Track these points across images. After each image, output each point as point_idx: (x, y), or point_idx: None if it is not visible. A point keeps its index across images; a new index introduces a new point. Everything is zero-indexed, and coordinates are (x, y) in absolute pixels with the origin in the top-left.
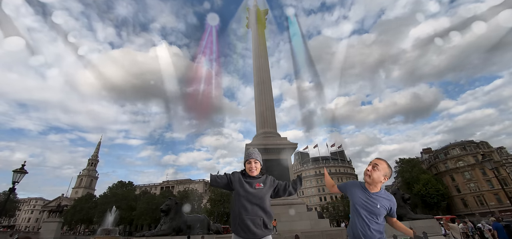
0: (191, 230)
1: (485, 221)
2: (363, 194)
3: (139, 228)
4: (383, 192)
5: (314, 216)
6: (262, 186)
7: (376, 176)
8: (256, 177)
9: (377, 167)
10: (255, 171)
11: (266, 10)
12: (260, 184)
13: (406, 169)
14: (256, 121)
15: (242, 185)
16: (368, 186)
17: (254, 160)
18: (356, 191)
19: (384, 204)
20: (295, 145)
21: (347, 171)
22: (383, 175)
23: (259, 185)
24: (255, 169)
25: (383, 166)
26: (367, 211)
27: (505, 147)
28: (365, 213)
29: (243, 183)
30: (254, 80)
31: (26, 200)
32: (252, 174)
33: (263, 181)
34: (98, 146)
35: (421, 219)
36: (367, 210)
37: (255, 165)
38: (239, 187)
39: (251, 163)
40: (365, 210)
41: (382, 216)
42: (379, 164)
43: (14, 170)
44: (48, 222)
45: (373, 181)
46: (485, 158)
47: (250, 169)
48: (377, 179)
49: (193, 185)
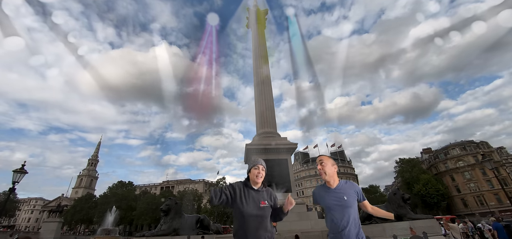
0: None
1: (485, 221)
2: (329, 193)
3: (139, 228)
4: (343, 182)
5: (314, 216)
6: (267, 205)
7: (329, 169)
8: (260, 189)
9: (324, 162)
10: (261, 179)
11: (266, 10)
12: (265, 202)
13: (406, 169)
14: (256, 121)
15: (247, 203)
16: (329, 184)
17: (262, 166)
18: (324, 194)
19: (350, 192)
20: (295, 145)
21: (347, 171)
22: (332, 165)
23: (264, 203)
24: (261, 177)
25: (326, 158)
26: (339, 206)
27: (505, 147)
28: (338, 209)
29: (248, 199)
30: (254, 80)
31: (26, 200)
32: (258, 180)
33: (267, 197)
34: (98, 146)
35: (421, 219)
36: (338, 205)
37: (262, 172)
38: (244, 204)
39: (259, 169)
40: (337, 206)
41: (354, 205)
42: (323, 159)
43: (14, 170)
44: (48, 222)
45: (330, 175)
46: (485, 158)
47: (258, 175)
48: (331, 171)
49: (193, 185)
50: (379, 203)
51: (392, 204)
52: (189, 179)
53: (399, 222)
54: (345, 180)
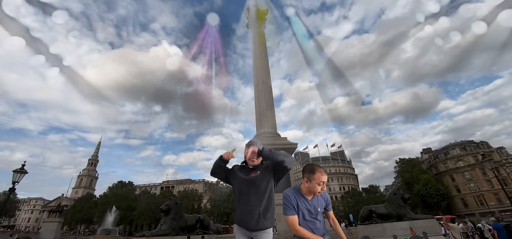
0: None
1: (485, 221)
2: (305, 203)
3: (139, 228)
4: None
5: None
6: (258, 173)
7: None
8: (254, 166)
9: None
10: (251, 156)
11: (266, 10)
12: (255, 172)
13: (406, 169)
14: (256, 121)
15: (238, 176)
16: (308, 195)
17: (252, 146)
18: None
19: (321, 202)
20: (295, 145)
21: (347, 171)
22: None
23: (255, 173)
24: (251, 154)
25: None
26: (310, 215)
27: (505, 147)
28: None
29: (239, 173)
30: (254, 80)
31: (26, 200)
32: (253, 162)
33: (260, 169)
34: (98, 146)
35: (421, 219)
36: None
37: (252, 149)
38: (237, 177)
39: (248, 150)
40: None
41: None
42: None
43: (14, 170)
44: (48, 222)
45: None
46: (485, 158)
47: (247, 154)
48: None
49: (193, 185)
50: (379, 203)
51: (392, 204)
52: (189, 179)
53: (399, 222)
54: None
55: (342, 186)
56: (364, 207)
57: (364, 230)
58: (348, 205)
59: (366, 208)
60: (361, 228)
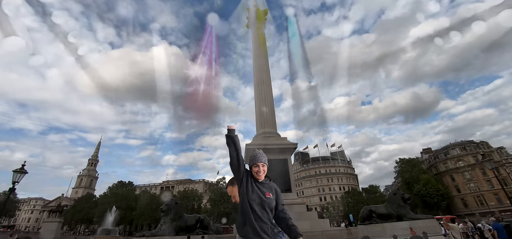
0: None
1: (485, 221)
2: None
3: (139, 228)
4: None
5: (314, 216)
6: (272, 197)
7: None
8: (264, 182)
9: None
10: (262, 175)
11: (266, 10)
12: (270, 194)
13: (406, 169)
14: (256, 121)
15: (253, 189)
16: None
17: (262, 163)
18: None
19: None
20: (295, 145)
21: (347, 171)
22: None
23: (269, 195)
24: (262, 172)
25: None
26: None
27: (505, 147)
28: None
29: (254, 186)
30: (254, 80)
31: (26, 200)
32: (260, 178)
33: (271, 190)
34: (98, 146)
35: (421, 219)
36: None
37: (263, 169)
38: (251, 189)
39: (259, 167)
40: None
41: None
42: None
43: (14, 170)
44: (48, 222)
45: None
46: (485, 158)
47: (258, 172)
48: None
49: (193, 185)
50: (379, 203)
51: (392, 204)
52: (189, 179)
53: (399, 222)
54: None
55: (342, 186)
56: (364, 207)
57: (364, 230)
58: (348, 205)
59: (366, 208)
60: (361, 228)
